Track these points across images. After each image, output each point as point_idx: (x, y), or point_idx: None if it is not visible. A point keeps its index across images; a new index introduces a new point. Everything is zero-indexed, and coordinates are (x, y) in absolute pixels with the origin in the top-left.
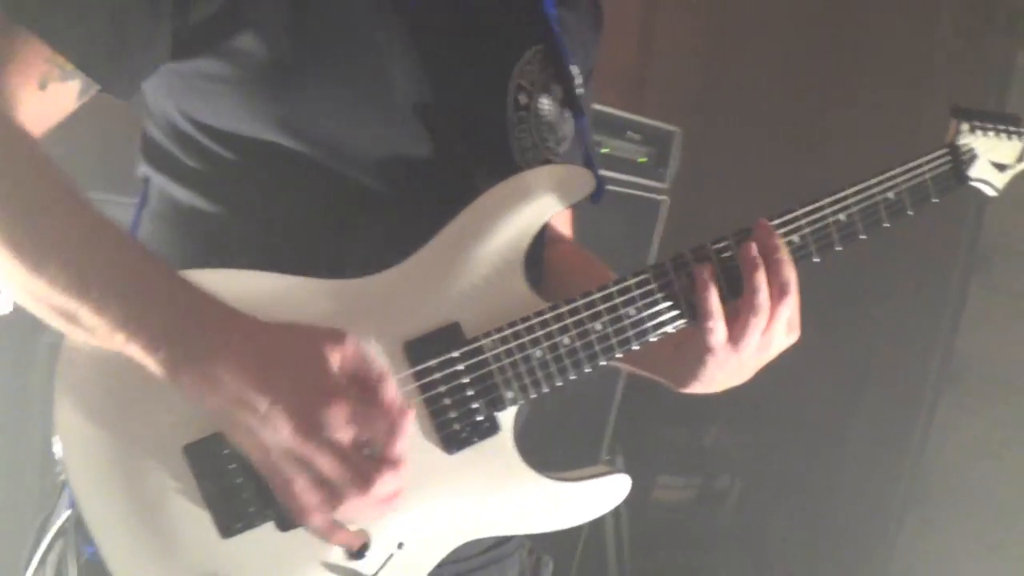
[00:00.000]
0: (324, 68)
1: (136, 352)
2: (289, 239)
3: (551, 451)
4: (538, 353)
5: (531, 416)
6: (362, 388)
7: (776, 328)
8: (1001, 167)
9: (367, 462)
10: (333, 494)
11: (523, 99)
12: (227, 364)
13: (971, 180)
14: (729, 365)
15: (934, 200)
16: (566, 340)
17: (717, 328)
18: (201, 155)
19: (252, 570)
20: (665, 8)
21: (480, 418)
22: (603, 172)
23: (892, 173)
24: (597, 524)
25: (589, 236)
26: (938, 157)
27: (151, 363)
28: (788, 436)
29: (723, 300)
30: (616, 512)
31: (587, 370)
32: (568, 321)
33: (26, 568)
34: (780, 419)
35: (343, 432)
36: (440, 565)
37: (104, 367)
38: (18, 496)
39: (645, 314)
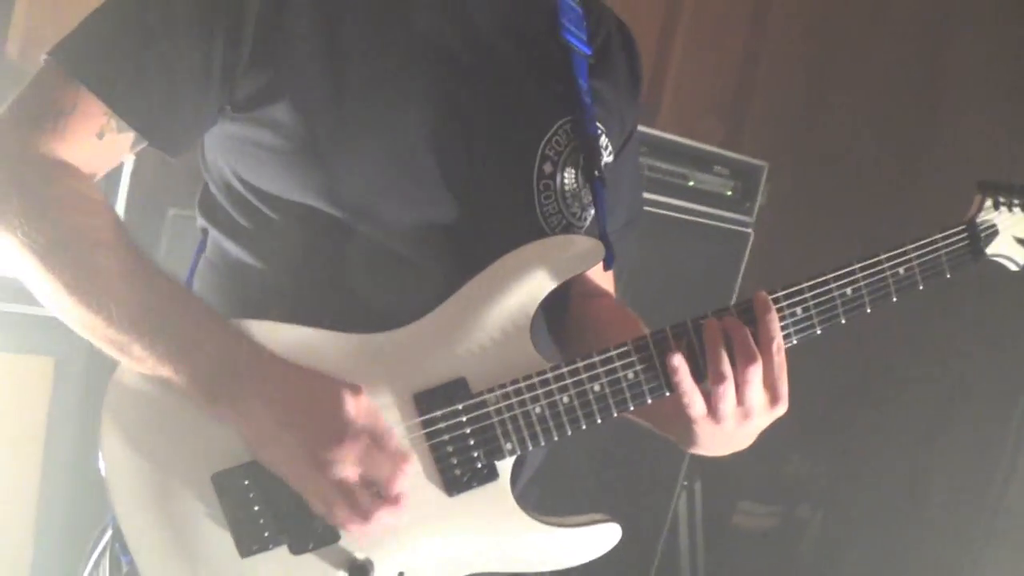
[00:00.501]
0: (359, 143)
1: (181, 383)
2: (322, 295)
3: (630, 477)
4: (537, 409)
5: (609, 443)
6: (371, 436)
7: (749, 395)
8: None
9: (369, 497)
10: (341, 520)
11: (548, 168)
12: (261, 400)
13: (988, 256)
14: (717, 435)
15: (947, 276)
16: (565, 399)
17: (693, 402)
18: (249, 213)
19: None
20: (768, 48)
21: (479, 465)
22: (690, 204)
23: (904, 249)
24: (672, 548)
25: (676, 267)
26: (955, 234)
27: (194, 394)
28: (870, 466)
29: (701, 376)
30: (692, 538)
31: (584, 427)
32: (568, 381)
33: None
34: (861, 448)
35: (351, 469)
36: None
37: (149, 394)
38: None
39: (642, 378)
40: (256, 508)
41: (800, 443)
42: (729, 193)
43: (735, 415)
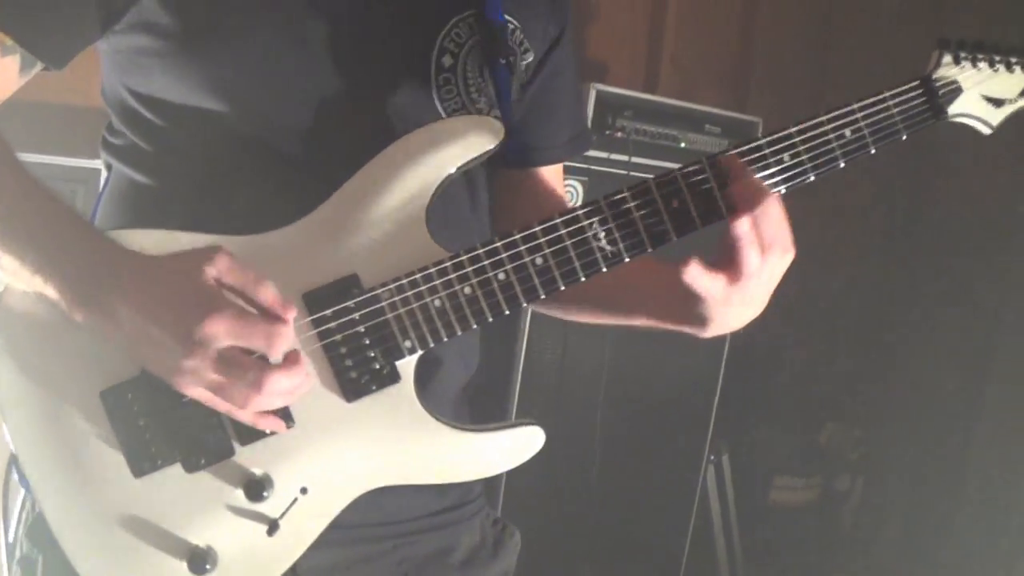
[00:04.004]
0: (233, 32)
1: (54, 295)
2: (213, 202)
3: (652, 457)
4: (437, 303)
5: (626, 423)
6: (242, 296)
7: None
8: (997, 102)
9: (255, 364)
10: (232, 399)
11: (447, 61)
12: (121, 298)
13: (950, 117)
14: (733, 299)
15: (904, 137)
16: (467, 289)
17: (750, 256)
18: (143, 129)
19: (163, 508)
20: (765, 12)
21: (377, 366)
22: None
23: (849, 109)
24: (705, 526)
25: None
26: (908, 91)
27: (66, 305)
28: (907, 429)
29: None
30: (724, 515)
31: (489, 319)
32: (469, 269)
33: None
34: (897, 413)
35: (224, 342)
36: (381, 524)
37: (33, 314)
38: None
39: (552, 262)
40: (144, 424)
41: (832, 410)
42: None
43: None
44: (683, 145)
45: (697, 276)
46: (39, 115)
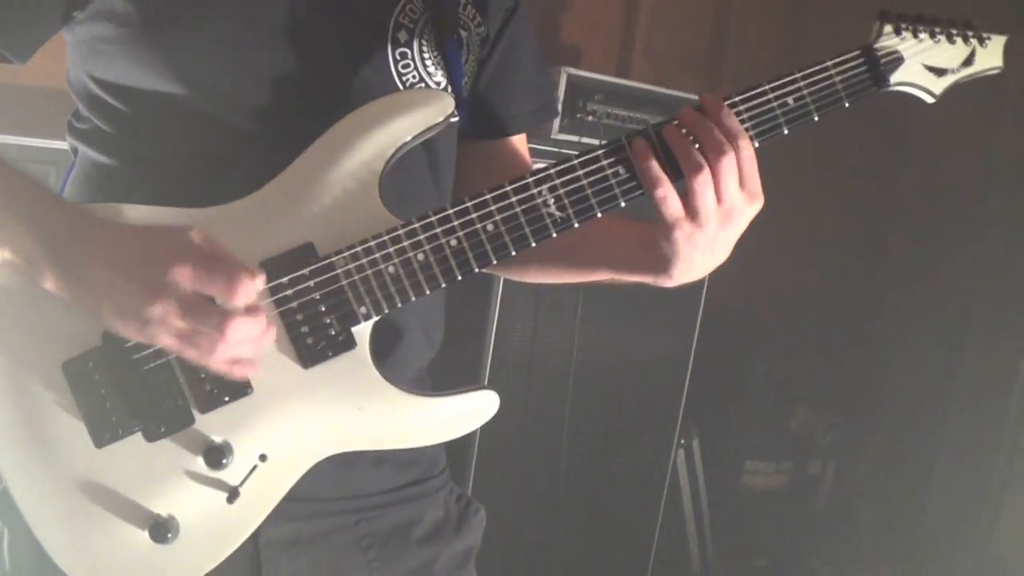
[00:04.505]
0: (190, 13)
1: (21, 263)
2: (172, 182)
3: (620, 439)
4: (391, 269)
5: (596, 403)
6: (204, 255)
7: (727, 190)
8: (939, 71)
9: (218, 310)
10: (199, 345)
11: (403, 36)
12: (92, 256)
13: (892, 85)
14: (698, 243)
15: (846, 105)
16: (420, 256)
17: (667, 197)
18: (106, 114)
19: (124, 477)
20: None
21: (333, 332)
22: None
23: (791, 78)
24: (676, 510)
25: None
26: (850, 59)
27: (34, 272)
28: (880, 414)
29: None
30: (695, 501)
31: (443, 284)
32: (421, 236)
33: None
34: (868, 397)
35: (188, 287)
36: (343, 499)
37: None
38: None
39: (503, 228)
40: (105, 393)
41: (804, 395)
42: None
43: (716, 215)
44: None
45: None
46: (9, 97)
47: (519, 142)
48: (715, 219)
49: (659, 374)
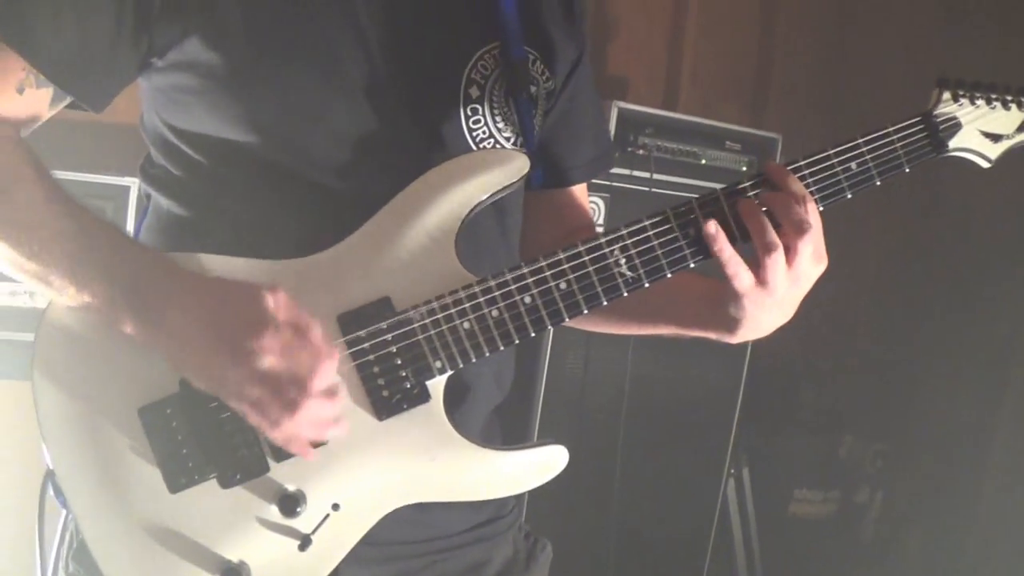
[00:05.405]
0: (276, 70)
1: (102, 307)
2: (250, 232)
3: (671, 468)
4: (466, 325)
5: (648, 433)
6: (293, 329)
7: (801, 261)
8: (995, 137)
9: (296, 388)
10: (268, 416)
11: (475, 93)
12: (174, 306)
13: (950, 150)
14: (766, 306)
15: (907, 170)
16: (495, 312)
17: (740, 273)
18: (182, 163)
19: (197, 523)
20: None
21: (409, 386)
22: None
23: (855, 143)
24: (725, 539)
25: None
26: (910, 126)
27: (114, 317)
28: (926, 441)
29: (733, 243)
30: (745, 528)
31: (517, 341)
32: (496, 293)
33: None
34: (915, 425)
35: (273, 360)
36: (418, 542)
37: (76, 330)
38: None
39: (576, 287)
40: (181, 440)
41: (851, 424)
42: (744, 168)
43: (786, 279)
44: (704, 162)
45: (736, 264)
46: (67, 133)
47: (579, 191)
48: (784, 285)
49: (710, 404)
